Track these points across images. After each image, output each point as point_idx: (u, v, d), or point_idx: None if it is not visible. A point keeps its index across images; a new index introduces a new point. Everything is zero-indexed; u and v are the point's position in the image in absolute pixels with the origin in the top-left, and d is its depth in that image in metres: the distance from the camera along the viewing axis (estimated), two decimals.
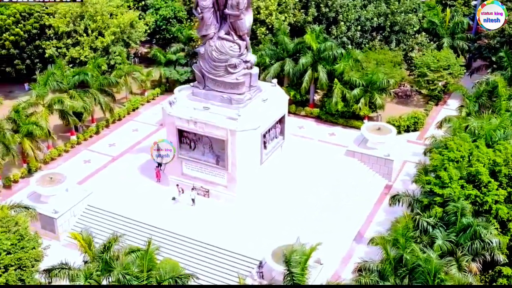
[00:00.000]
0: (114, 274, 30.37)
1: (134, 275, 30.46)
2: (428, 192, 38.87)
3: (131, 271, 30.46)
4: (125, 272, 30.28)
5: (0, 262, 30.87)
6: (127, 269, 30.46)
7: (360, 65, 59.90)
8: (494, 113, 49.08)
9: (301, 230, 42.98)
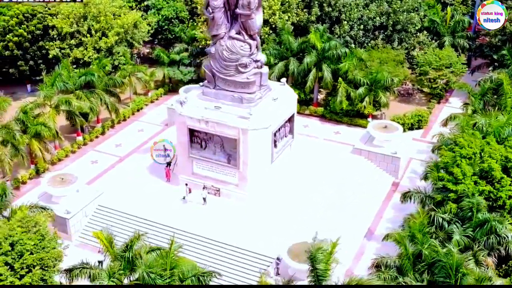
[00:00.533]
0: (139, 272, 30.54)
1: (158, 273, 30.61)
2: (441, 188, 39.37)
3: (155, 270, 30.62)
4: (149, 271, 30.44)
5: (24, 262, 30.91)
6: (152, 267, 30.62)
7: (364, 64, 60.37)
8: (499, 111, 49.66)
9: (312, 228, 43.22)
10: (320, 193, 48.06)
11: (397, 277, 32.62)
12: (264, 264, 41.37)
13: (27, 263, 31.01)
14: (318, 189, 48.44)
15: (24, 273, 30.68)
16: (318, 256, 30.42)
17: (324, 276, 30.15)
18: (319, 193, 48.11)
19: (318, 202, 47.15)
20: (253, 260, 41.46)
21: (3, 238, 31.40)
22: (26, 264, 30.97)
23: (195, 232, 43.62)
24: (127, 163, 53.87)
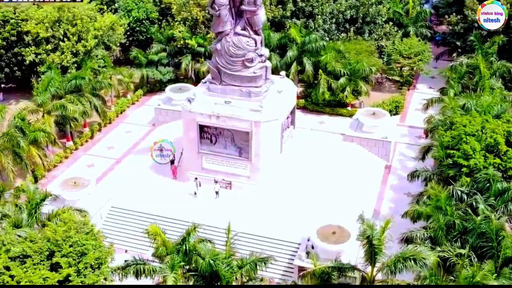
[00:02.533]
0: (205, 261, 31.47)
1: (221, 260, 31.72)
2: (450, 164, 42.32)
3: (219, 257, 31.72)
4: (215, 257, 31.52)
5: (87, 262, 31.15)
6: (216, 256, 31.70)
7: (342, 56, 63.04)
8: (477, 92, 53.64)
9: (326, 212, 45.37)
10: (323, 179, 50.13)
11: (433, 248, 34.94)
12: (290, 250, 42.99)
13: (90, 263, 31.25)
14: (321, 176, 50.50)
15: (88, 273, 30.89)
16: (372, 232, 32.30)
17: (379, 250, 32.17)
18: (322, 179, 50.17)
19: (323, 188, 49.19)
20: (278, 247, 42.95)
21: (61, 240, 31.47)
22: (88, 264, 31.20)
23: (215, 225, 44.48)
24: (126, 165, 53.96)
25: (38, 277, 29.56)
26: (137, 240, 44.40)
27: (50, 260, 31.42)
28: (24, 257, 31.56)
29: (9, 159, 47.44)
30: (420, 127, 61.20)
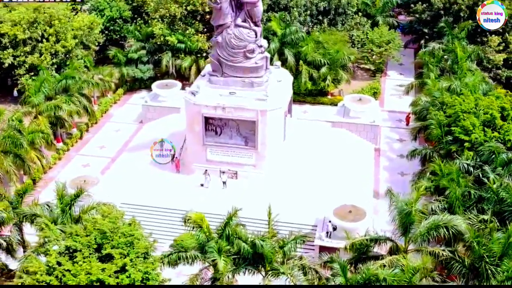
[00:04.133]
0: (248, 243, 32.60)
1: (264, 240, 32.91)
2: (450, 141, 44.98)
3: (265, 238, 32.87)
4: (262, 239, 32.61)
5: (138, 251, 31.51)
6: (262, 236, 32.82)
7: (322, 46, 65.01)
8: (456, 74, 56.86)
9: (330, 194, 47.18)
10: (321, 164, 51.86)
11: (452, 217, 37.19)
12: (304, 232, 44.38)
13: (141, 252, 31.65)
14: (318, 161, 52.22)
15: (139, 262, 31.27)
16: (410, 204, 34.15)
17: (414, 221, 34.07)
18: (320, 164, 51.89)
19: (323, 172, 50.92)
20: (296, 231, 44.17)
21: (109, 231, 31.69)
22: (139, 253, 31.58)
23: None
24: (124, 162, 53.88)
25: (96, 269, 29.70)
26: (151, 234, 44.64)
27: (99, 253, 31.60)
28: (71, 251, 31.62)
29: (10, 161, 46.52)
30: (399, 111, 64.33)
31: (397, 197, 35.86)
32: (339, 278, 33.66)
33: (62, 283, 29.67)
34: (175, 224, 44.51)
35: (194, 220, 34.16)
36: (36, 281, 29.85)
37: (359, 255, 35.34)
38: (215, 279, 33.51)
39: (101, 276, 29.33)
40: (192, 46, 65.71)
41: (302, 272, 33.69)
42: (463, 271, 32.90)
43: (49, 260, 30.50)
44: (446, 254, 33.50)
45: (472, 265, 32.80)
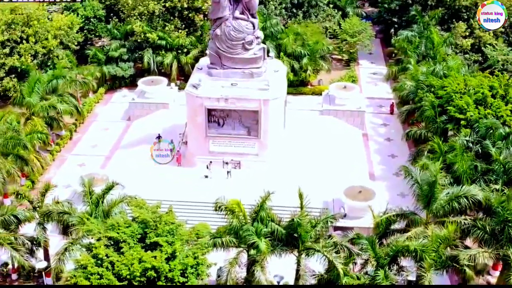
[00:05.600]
0: (279, 226, 34.13)
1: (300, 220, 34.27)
2: (445, 120, 47.52)
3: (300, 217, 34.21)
4: (299, 219, 33.89)
5: (182, 238, 32.18)
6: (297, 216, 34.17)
7: (301, 38, 66.69)
8: (435, 59, 59.74)
9: (332, 177, 48.96)
10: (316, 150, 53.53)
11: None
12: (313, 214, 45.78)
13: (186, 239, 32.36)
14: (312, 147, 53.89)
15: (186, 249, 31.96)
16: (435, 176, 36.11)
17: (434, 196, 36.12)
18: (314, 150, 53.54)
19: (319, 157, 52.57)
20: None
21: (152, 221, 32.18)
22: (184, 240, 32.26)
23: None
24: (120, 160, 53.69)
25: (149, 257, 30.19)
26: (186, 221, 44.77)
27: (142, 243, 32.06)
28: (114, 243, 31.95)
29: (13, 163, 45.82)
30: (378, 97, 66.85)
31: (416, 173, 37.79)
32: (369, 253, 35.39)
33: (114, 274, 30.01)
34: (185, 215, 44.88)
35: (230, 206, 34.93)
36: (88, 274, 30.05)
37: (384, 230, 37.04)
38: (254, 261, 34.48)
39: (155, 263, 29.83)
40: (172, 43, 66.00)
41: (335, 249, 35.05)
42: (485, 237, 35.10)
43: (98, 252, 30.72)
44: (467, 223, 35.66)
45: (493, 231, 35.09)
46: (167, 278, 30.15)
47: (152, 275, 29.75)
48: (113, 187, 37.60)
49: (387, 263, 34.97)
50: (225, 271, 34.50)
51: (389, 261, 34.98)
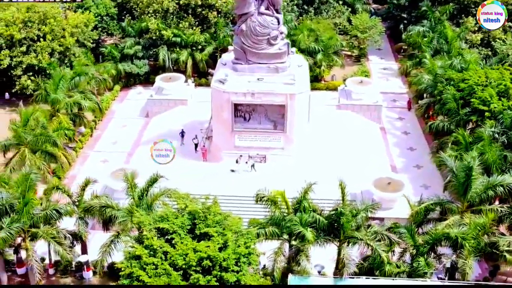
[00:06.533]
0: (320, 216, 35.19)
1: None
2: (469, 111, 48.40)
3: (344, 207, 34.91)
4: (341, 208, 34.62)
5: (231, 228, 32.68)
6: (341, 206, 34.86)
7: (315, 34, 67.36)
8: (450, 53, 60.69)
9: (356, 170, 49.62)
10: (337, 144, 54.20)
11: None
12: None
13: (235, 229, 32.88)
14: (334, 141, 54.58)
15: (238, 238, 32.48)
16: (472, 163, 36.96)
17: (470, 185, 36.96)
18: (336, 143, 54.20)
19: (341, 151, 53.23)
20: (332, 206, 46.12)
21: (201, 212, 32.64)
22: (233, 230, 32.77)
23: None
24: (144, 156, 53.66)
25: (203, 246, 30.66)
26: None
27: (191, 234, 32.52)
28: (162, 234, 32.38)
29: (42, 159, 46.03)
30: (391, 92, 67.67)
31: (451, 162, 38.61)
32: (408, 241, 36.16)
33: (170, 264, 30.44)
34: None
35: (273, 197, 35.50)
36: (143, 264, 30.45)
37: (421, 219, 37.81)
38: (298, 250, 35.08)
39: (210, 253, 30.29)
40: (187, 40, 66.35)
41: (375, 238, 35.74)
42: None
43: (151, 243, 31.12)
44: (504, 210, 36.55)
45: None
46: (221, 267, 30.59)
47: (207, 264, 30.19)
48: (157, 180, 37.98)
49: (426, 251, 35.78)
50: (271, 261, 35.04)
51: (428, 249, 35.81)
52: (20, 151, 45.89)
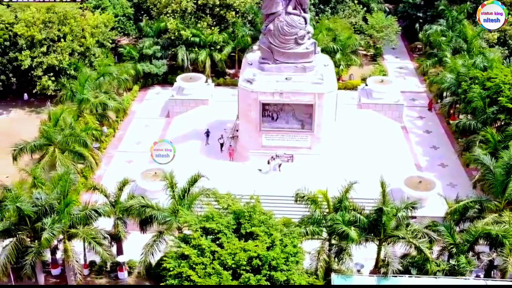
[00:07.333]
0: (361, 215, 35.34)
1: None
2: (497, 109, 48.60)
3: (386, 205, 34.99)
4: (384, 207, 34.68)
5: (276, 227, 32.73)
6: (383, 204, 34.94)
7: (333, 33, 67.44)
8: (468, 53, 60.94)
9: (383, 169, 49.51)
10: (361, 142, 54.27)
11: None
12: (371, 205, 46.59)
13: (279, 228, 32.96)
14: (358, 140, 54.65)
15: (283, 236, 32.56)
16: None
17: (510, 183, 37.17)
18: (360, 142, 54.27)
19: (366, 149, 53.31)
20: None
21: (246, 212, 32.67)
22: (278, 229, 32.85)
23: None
24: None
25: (253, 246, 30.70)
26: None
27: (235, 233, 32.55)
28: (206, 234, 32.40)
29: (70, 160, 45.94)
30: (409, 91, 67.81)
31: (488, 161, 38.76)
32: (447, 239, 36.28)
33: (219, 263, 30.46)
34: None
35: (313, 196, 35.56)
36: (193, 264, 30.46)
37: (460, 217, 37.95)
38: (341, 249, 35.15)
39: (260, 252, 30.33)
40: (206, 40, 66.32)
41: (415, 236, 35.83)
42: None
43: (199, 243, 31.13)
44: None
45: None
46: (270, 267, 30.63)
47: (257, 264, 30.23)
48: (197, 180, 37.90)
49: (467, 249, 35.91)
50: (313, 260, 35.11)
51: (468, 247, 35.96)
52: (49, 152, 45.71)
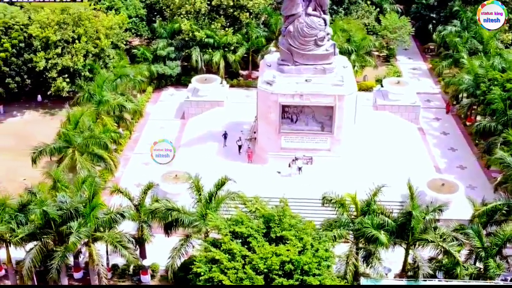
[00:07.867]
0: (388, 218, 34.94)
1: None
2: None
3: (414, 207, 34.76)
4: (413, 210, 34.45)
5: (307, 232, 32.45)
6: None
7: (347, 34, 67.17)
8: (485, 54, 60.68)
9: (403, 171, 49.36)
10: (380, 144, 53.97)
11: None
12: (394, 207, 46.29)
13: (310, 232, 32.66)
14: (376, 142, 54.34)
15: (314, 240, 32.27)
16: None
17: None
18: (378, 144, 53.97)
19: (385, 152, 53.03)
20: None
21: (276, 215, 32.40)
22: (309, 233, 32.56)
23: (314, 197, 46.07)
24: (185, 158, 53.17)
25: (285, 250, 30.42)
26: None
27: (265, 237, 32.27)
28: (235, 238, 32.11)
29: (91, 162, 45.67)
30: (424, 92, 67.48)
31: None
32: (475, 242, 36.00)
33: (250, 267, 30.17)
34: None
35: (341, 199, 35.29)
36: (224, 268, 30.18)
37: (487, 220, 37.68)
38: (370, 253, 34.87)
39: (292, 257, 30.04)
40: (220, 41, 66.05)
41: (444, 240, 35.56)
42: None
43: (229, 247, 30.84)
44: None
45: None
46: (302, 271, 30.35)
47: (290, 268, 29.95)
48: (225, 183, 37.62)
49: (495, 253, 35.64)
50: (343, 263, 34.85)
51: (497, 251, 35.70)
52: (69, 154, 45.41)
